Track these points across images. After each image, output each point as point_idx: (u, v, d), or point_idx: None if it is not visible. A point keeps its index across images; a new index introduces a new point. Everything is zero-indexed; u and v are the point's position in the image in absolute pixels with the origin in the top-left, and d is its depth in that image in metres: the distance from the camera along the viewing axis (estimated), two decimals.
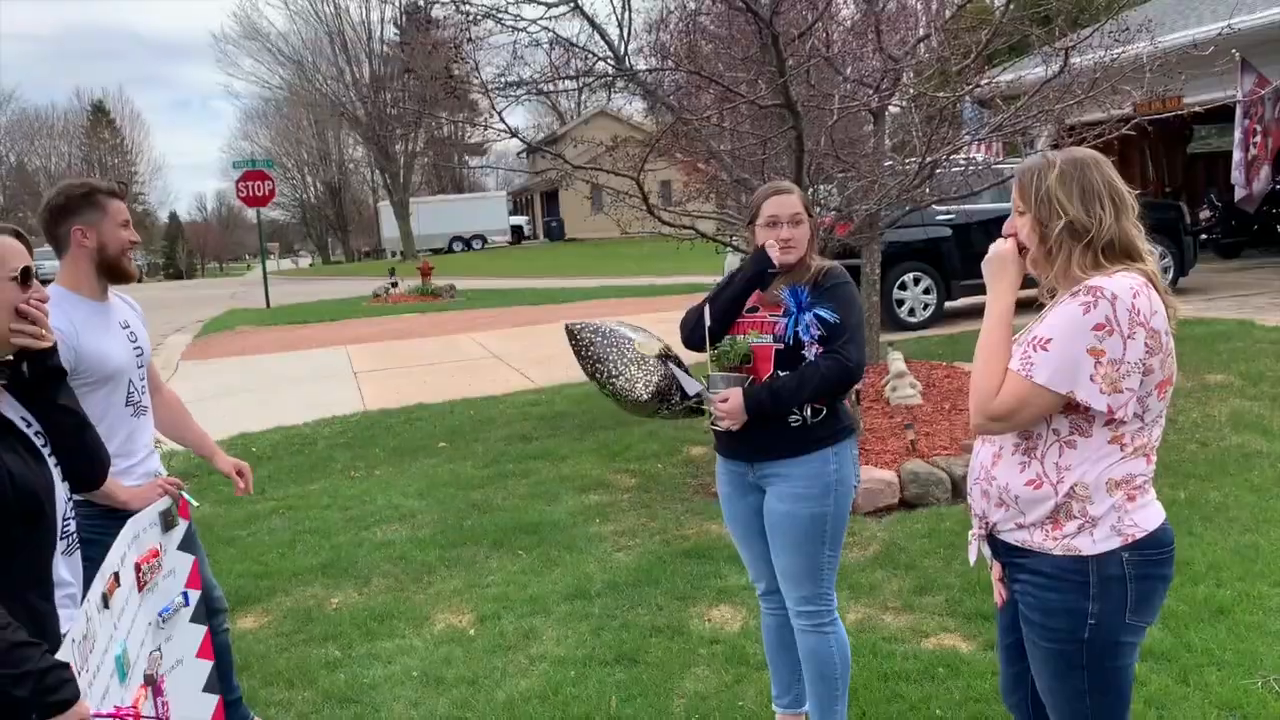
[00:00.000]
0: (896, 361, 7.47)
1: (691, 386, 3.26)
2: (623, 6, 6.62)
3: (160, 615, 2.75)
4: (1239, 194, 13.49)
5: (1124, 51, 7.20)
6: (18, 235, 2.19)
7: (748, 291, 3.16)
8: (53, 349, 2.20)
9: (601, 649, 4.18)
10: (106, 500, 2.80)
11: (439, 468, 7.27)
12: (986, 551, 2.37)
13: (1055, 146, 8.05)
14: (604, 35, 6.88)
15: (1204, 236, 15.90)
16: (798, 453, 3.06)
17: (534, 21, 6.59)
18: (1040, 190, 2.20)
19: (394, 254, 48.77)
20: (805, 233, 3.12)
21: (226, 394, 11.38)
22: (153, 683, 2.60)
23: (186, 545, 2.99)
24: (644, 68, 7.24)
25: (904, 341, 9.08)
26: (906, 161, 7.38)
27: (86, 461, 2.30)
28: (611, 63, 6.86)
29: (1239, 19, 10.73)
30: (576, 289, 21.74)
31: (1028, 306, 2.27)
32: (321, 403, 9.99)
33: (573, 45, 6.77)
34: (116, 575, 2.45)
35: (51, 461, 2.19)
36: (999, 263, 2.29)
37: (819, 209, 7.15)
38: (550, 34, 6.72)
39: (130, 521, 2.64)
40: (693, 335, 3.22)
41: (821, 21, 6.83)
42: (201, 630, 3.01)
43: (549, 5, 6.66)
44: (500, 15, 6.44)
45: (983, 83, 7.62)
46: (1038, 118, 7.44)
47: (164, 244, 79.97)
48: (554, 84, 7.07)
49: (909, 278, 11.99)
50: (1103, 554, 2.16)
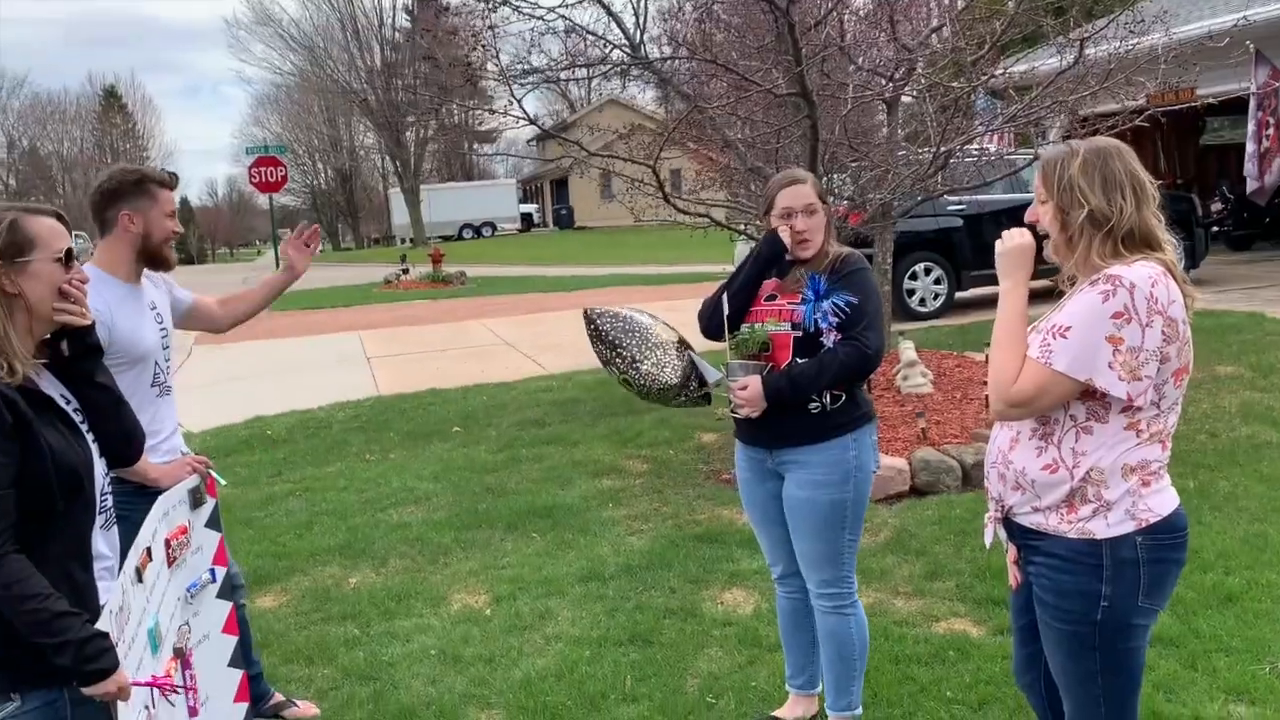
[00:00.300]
0: (908, 350, 7.50)
1: (711, 374, 3.31)
2: None
3: (188, 590, 2.81)
4: (1251, 186, 13.44)
5: (1139, 43, 7.20)
6: (59, 217, 2.25)
7: (762, 274, 3.18)
8: (91, 327, 2.26)
9: (616, 630, 4.24)
10: (137, 477, 2.85)
11: (453, 452, 7.33)
12: (1002, 534, 2.42)
13: (1068, 137, 8.06)
14: (620, 23, 6.91)
15: (1215, 229, 15.86)
16: (817, 439, 3.09)
17: (551, 9, 6.62)
18: (1063, 179, 2.23)
19: (404, 241, 48.84)
20: (820, 222, 3.13)
21: (241, 377, 11.47)
22: (182, 655, 2.67)
23: (213, 523, 3.05)
24: (659, 56, 7.26)
25: (914, 331, 9.10)
26: (920, 151, 7.40)
27: (123, 438, 2.36)
28: (627, 51, 6.89)
29: (1255, 10, 10.70)
30: (586, 277, 21.77)
31: (1040, 296, 2.31)
32: (335, 387, 10.06)
33: (589, 33, 6.80)
34: (149, 550, 2.51)
35: (90, 438, 2.25)
36: (1017, 255, 2.32)
37: (832, 198, 7.17)
38: (567, 22, 6.75)
39: (161, 498, 2.70)
40: (711, 323, 3.24)
41: (836, 10, 6.85)
42: (227, 606, 3.07)
43: None
44: (518, 4, 6.47)
45: (997, 73, 7.63)
46: (1051, 108, 7.44)
47: None
48: (570, 71, 7.10)
49: (920, 267, 12.01)
50: (1116, 537, 2.20)
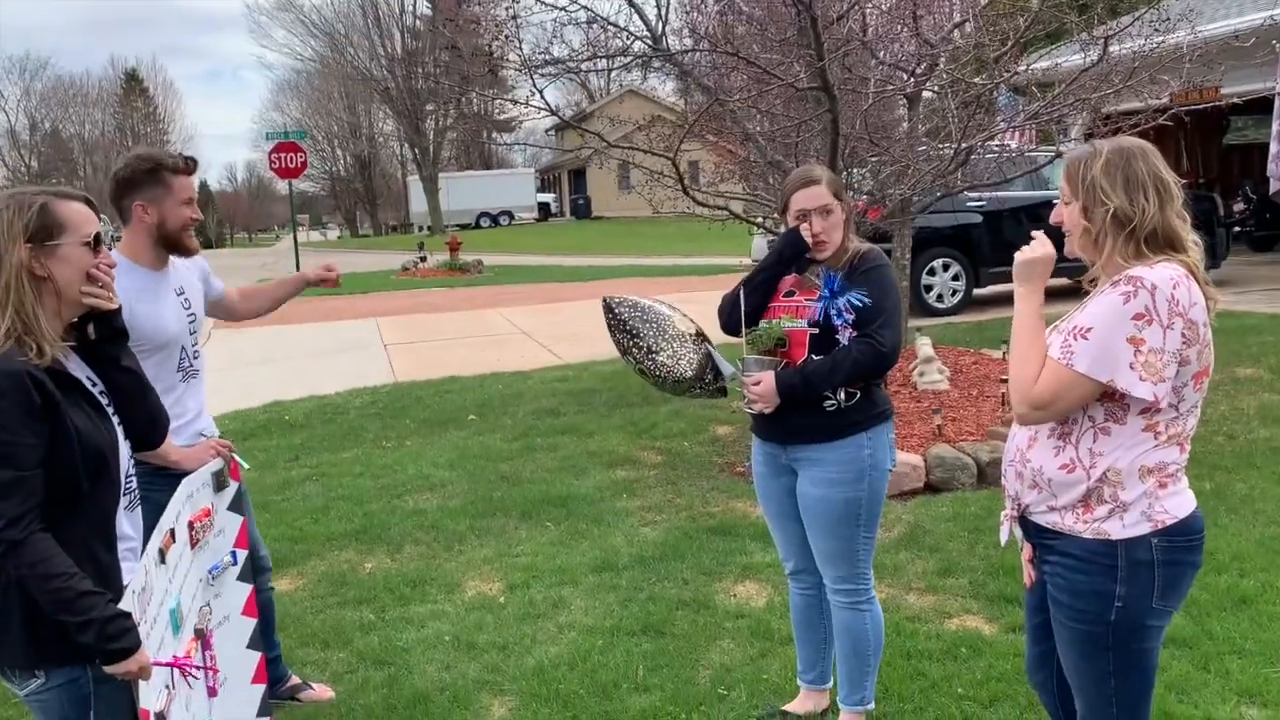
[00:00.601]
0: (924, 347, 7.49)
1: (726, 368, 3.31)
2: None
3: (210, 572, 2.85)
4: (1274, 187, 13.31)
5: (1164, 41, 7.16)
6: (88, 202, 2.27)
7: (780, 273, 3.18)
8: (118, 311, 2.29)
9: (628, 620, 4.27)
10: (160, 460, 2.88)
11: (469, 440, 7.37)
12: (1018, 532, 2.42)
13: (1089, 135, 8.03)
14: (642, 15, 6.91)
15: (1237, 229, 15.75)
16: (831, 437, 3.08)
17: (573, 0, 6.62)
18: (1086, 179, 2.23)
19: (422, 228, 48.94)
20: (837, 221, 3.11)
21: (260, 362, 11.54)
22: (202, 636, 2.71)
23: (236, 506, 3.09)
24: (681, 48, 7.25)
25: (931, 327, 9.09)
26: (940, 147, 7.38)
27: (148, 422, 2.39)
28: (648, 43, 6.88)
29: None
30: (603, 267, 21.80)
31: (1058, 294, 2.31)
32: (353, 373, 10.13)
33: (611, 24, 6.80)
34: (172, 532, 2.54)
35: (115, 420, 2.28)
36: (1038, 265, 2.30)
37: (851, 193, 7.16)
38: (588, 13, 6.75)
39: (185, 481, 2.73)
40: (730, 319, 3.23)
41: (858, 4, 6.82)
42: (247, 589, 3.11)
43: None
44: None
45: (1019, 70, 7.59)
46: (1074, 106, 7.41)
47: None
48: (592, 62, 7.10)
49: (938, 264, 11.98)
50: (1132, 538, 2.21)
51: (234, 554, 3.03)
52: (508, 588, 4.71)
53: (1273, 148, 13.15)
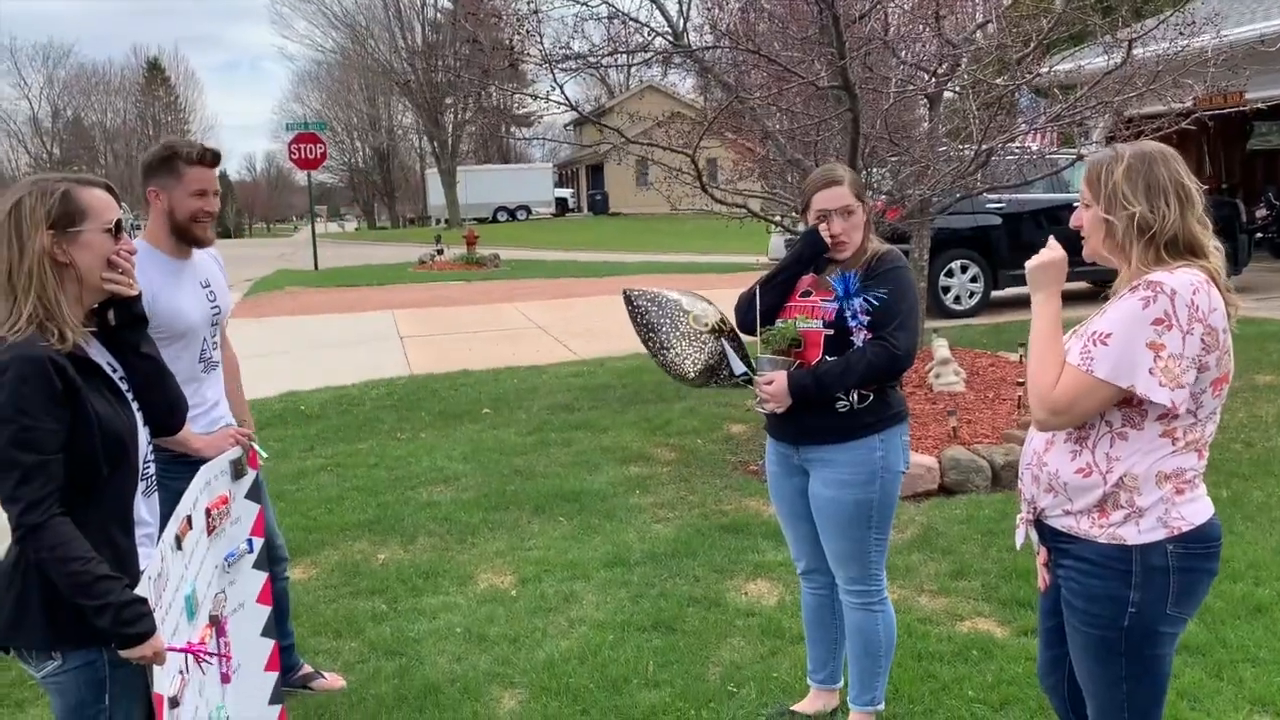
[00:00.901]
0: (941, 348, 7.47)
1: (738, 367, 3.31)
2: None
3: (226, 560, 2.86)
4: None
5: (1188, 44, 7.11)
6: (109, 189, 2.29)
7: (799, 272, 3.17)
8: (138, 297, 2.30)
9: (639, 615, 4.27)
10: (180, 447, 2.90)
11: (483, 433, 7.39)
12: (1034, 536, 2.42)
13: (1111, 139, 7.98)
14: (663, 10, 6.91)
15: (1259, 235, 15.63)
16: (844, 438, 3.07)
17: None
18: (1107, 184, 2.22)
19: (439, 221, 49.08)
20: (857, 222, 3.10)
21: (276, 352, 11.59)
22: (217, 623, 2.72)
23: (253, 494, 3.10)
24: (702, 45, 7.24)
25: (949, 329, 9.06)
26: (961, 148, 7.35)
27: (167, 408, 2.41)
28: (669, 39, 6.88)
29: None
30: (620, 263, 21.80)
31: (1076, 298, 2.30)
32: (369, 365, 10.17)
33: (632, 20, 6.80)
34: (189, 519, 2.56)
35: (134, 406, 2.30)
36: (1051, 270, 2.30)
37: (871, 193, 7.14)
38: (610, 8, 6.75)
39: (203, 468, 2.75)
40: (745, 317, 3.23)
41: (881, 3, 6.80)
42: (262, 577, 3.13)
43: None
44: None
45: (1042, 71, 7.56)
46: (1096, 109, 7.37)
47: None
48: (612, 58, 7.10)
49: (956, 265, 11.93)
50: (1147, 544, 2.20)
51: (250, 542, 3.04)
52: (519, 581, 4.73)
53: None
